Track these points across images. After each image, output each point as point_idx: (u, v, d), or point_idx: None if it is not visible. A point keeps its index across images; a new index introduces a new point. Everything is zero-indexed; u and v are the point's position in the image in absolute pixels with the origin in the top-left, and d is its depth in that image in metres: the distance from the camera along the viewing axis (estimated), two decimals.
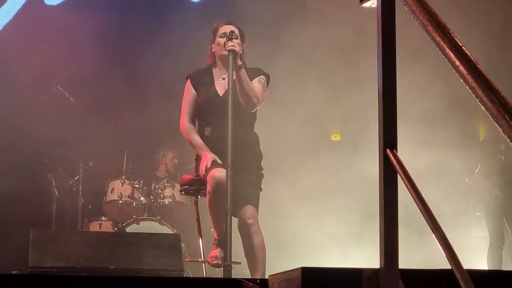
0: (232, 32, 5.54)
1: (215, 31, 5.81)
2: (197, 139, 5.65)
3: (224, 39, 5.57)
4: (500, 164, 8.72)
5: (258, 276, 5.38)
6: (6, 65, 9.15)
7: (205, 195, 5.55)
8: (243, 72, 5.48)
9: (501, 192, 8.61)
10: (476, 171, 8.88)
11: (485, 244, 8.83)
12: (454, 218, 8.90)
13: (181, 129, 5.78)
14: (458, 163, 8.88)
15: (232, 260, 5.09)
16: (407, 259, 2.76)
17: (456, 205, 9.02)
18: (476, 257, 8.74)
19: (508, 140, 1.91)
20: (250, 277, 5.54)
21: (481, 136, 9.64)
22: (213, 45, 5.81)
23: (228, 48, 5.44)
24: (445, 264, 2.24)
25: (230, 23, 5.80)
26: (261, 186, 5.66)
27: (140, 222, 8.28)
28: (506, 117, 1.88)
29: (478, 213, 9.19)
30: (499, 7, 9.26)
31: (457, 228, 8.86)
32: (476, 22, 8.67)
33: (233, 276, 5.13)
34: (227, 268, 5.03)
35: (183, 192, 6.18)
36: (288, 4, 9.59)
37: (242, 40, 5.71)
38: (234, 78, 5.43)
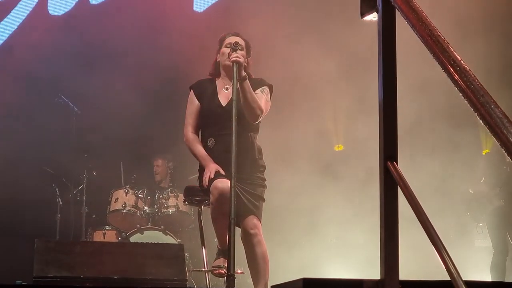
0: (236, 43, 5.55)
1: (221, 41, 5.82)
2: (200, 150, 5.66)
3: (229, 50, 5.58)
4: (505, 175, 8.72)
5: (260, 286, 5.39)
6: (11, 74, 9.19)
7: (208, 205, 5.57)
8: (247, 83, 5.49)
9: (505, 203, 8.61)
10: (481, 181, 8.89)
11: (488, 255, 8.83)
12: (457, 229, 8.90)
13: (184, 140, 5.79)
14: (463, 173, 8.90)
15: (235, 270, 5.10)
16: None
17: (459, 216, 9.03)
18: (480, 267, 8.74)
19: (506, 153, 1.94)
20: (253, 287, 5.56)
21: (485, 150, 9.64)
22: (218, 54, 5.83)
23: (232, 59, 5.45)
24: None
25: (237, 35, 5.81)
26: (264, 196, 5.68)
27: (144, 232, 8.30)
28: (504, 131, 1.90)
29: (481, 224, 9.19)
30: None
31: (460, 238, 8.86)
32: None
33: (236, 286, 5.15)
34: (230, 278, 5.04)
35: (186, 202, 6.20)
36: (292, 14, 9.62)
37: (248, 52, 5.72)
38: (237, 88, 5.45)
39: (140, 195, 8.61)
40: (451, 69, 2.18)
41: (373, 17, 2.80)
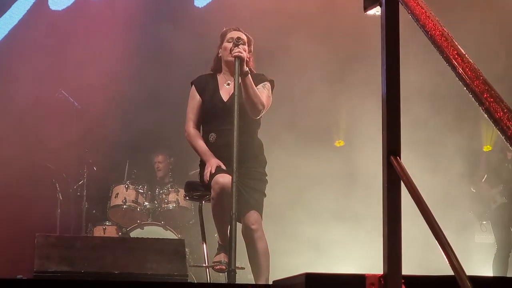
0: (238, 38, 5.55)
1: (223, 36, 5.82)
2: (201, 145, 5.66)
3: (231, 45, 5.57)
4: (507, 173, 8.71)
5: (262, 281, 5.39)
6: (11, 69, 9.18)
7: (209, 200, 5.57)
8: (249, 78, 5.49)
9: (508, 200, 8.61)
10: (483, 180, 8.89)
11: (490, 251, 8.83)
12: (459, 225, 8.90)
13: (186, 135, 5.79)
14: (465, 172, 8.89)
15: (236, 265, 5.10)
16: None
17: (462, 214, 9.02)
18: (482, 263, 8.75)
19: (510, 147, 1.92)
20: (254, 283, 5.55)
21: (486, 147, 9.64)
22: (220, 49, 5.82)
23: (235, 54, 5.44)
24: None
25: (238, 29, 5.81)
26: (265, 191, 5.67)
27: (144, 227, 8.30)
28: (509, 124, 1.89)
29: (484, 222, 9.19)
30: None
31: (462, 234, 8.86)
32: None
33: (237, 282, 5.15)
34: (231, 273, 5.04)
35: (187, 198, 6.20)
36: (292, 10, 9.60)
37: (249, 47, 5.72)
38: (239, 83, 5.44)
39: (140, 190, 8.61)
40: (455, 63, 2.16)
41: (376, 11, 2.79)
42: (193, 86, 5.87)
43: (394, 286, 2.46)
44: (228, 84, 5.75)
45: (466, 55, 2.15)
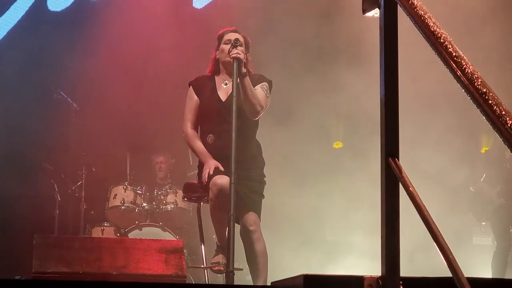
0: (236, 39, 5.56)
1: (220, 38, 5.83)
2: (199, 146, 5.66)
3: (229, 46, 5.59)
4: (505, 173, 8.71)
5: (260, 282, 5.39)
6: (10, 70, 9.17)
7: (207, 201, 5.58)
8: (247, 79, 5.50)
9: (507, 201, 8.61)
10: (482, 179, 8.89)
11: (488, 252, 8.83)
12: (458, 227, 8.90)
13: (183, 136, 5.79)
14: (463, 171, 8.89)
15: (234, 266, 5.10)
16: None
17: (460, 214, 9.02)
18: (480, 264, 8.75)
19: (509, 149, 1.93)
20: (252, 284, 5.56)
21: (484, 147, 9.64)
22: (217, 51, 5.83)
23: (233, 55, 5.45)
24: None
25: (235, 31, 5.82)
26: (263, 193, 5.68)
27: (143, 228, 8.29)
28: (507, 127, 1.90)
29: (483, 223, 9.19)
30: None
31: (460, 235, 8.85)
32: None
33: (235, 283, 5.15)
34: (229, 274, 5.05)
35: (185, 199, 6.20)
36: (291, 9, 9.61)
37: (247, 48, 5.73)
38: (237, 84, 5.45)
39: (138, 192, 8.59)
40: (453, 65, 2.17)
41: (374, 13, 2.79)
42: (190, 87, 5.87)
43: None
44: (226, 84, 5.75)
45: (465, 57, 2.16)
